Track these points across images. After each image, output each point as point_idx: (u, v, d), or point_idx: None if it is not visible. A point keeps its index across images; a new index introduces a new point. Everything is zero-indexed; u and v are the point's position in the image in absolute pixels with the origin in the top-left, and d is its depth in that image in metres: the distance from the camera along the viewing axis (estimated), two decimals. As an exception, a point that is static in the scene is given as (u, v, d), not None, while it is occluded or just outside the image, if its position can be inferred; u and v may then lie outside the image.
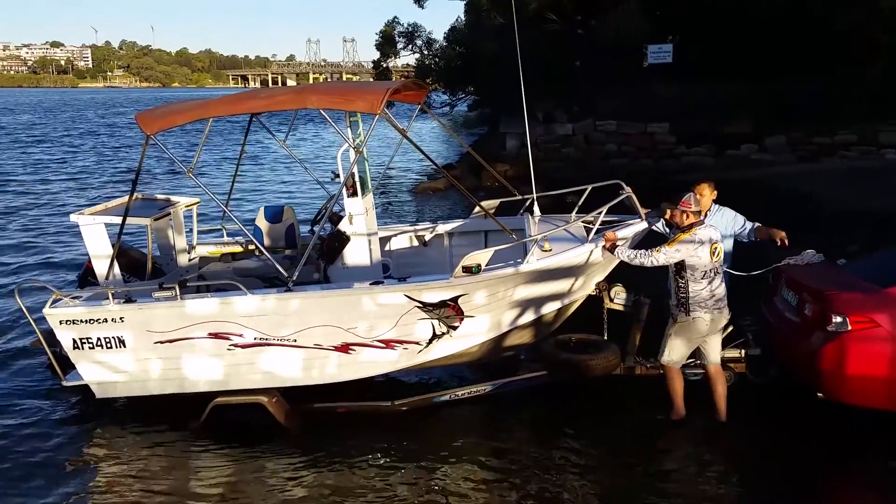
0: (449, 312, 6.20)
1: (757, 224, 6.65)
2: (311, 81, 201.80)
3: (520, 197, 7.76)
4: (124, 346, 6.32)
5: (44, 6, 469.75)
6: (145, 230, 6.94)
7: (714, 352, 6.10)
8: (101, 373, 6.44)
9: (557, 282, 6.39)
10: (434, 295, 6.14)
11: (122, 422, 6.64)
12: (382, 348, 6.32)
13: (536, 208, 7.11)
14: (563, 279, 6.39)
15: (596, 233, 6.34)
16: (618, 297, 6.74)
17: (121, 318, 6.23)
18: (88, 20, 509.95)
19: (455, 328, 6.30)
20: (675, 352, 6.09)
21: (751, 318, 6.91)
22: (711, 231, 5.88)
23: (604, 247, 6.19)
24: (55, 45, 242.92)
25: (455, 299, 6.15)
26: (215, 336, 6.26)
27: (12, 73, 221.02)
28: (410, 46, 37.04)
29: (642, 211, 6.71)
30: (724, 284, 5.98)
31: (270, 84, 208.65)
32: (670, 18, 22.96)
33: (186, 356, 6.34)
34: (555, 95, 22.68)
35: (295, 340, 6.26)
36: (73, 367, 6.48)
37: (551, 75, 22.12)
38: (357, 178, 6.71)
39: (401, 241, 8.16)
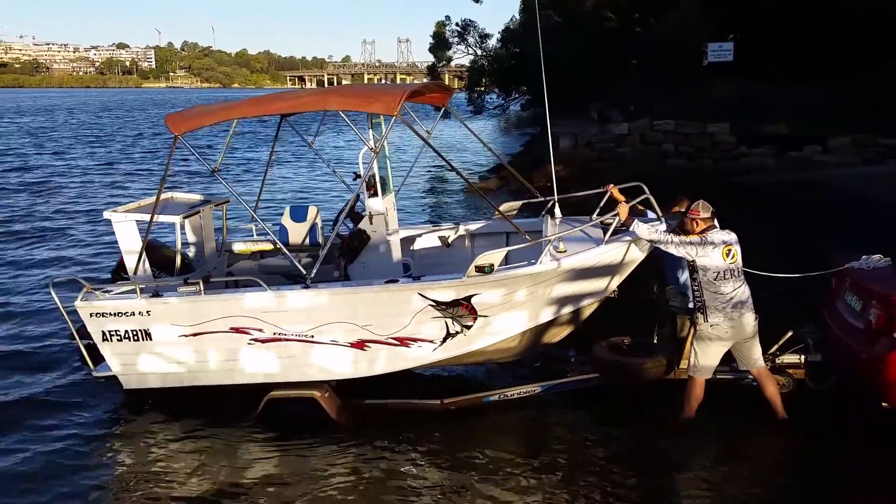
0: (462, 312, 6.21)
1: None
2: (365, 82, 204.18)
3: (541, 199, 7.66)
4: (150, 339, 6.54)
5: (111, 8, 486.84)
6: (178, 227, 7.10)
7: (751, 357, 5.97)
8: (128, 364, 6.68)
9: (572, 283, 6.30)
10: (447, 294, 6.17)
11: (175, 413, 6.79)
12: (397, 346, 6.38)
13: (557, 210, 7.05)
14: (578, 280, 6.30)
15: (612, 235, 6.24)
16: (673, 300, 6.62)
17: (147, 312, 6.46)
18: (152, 22, 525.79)
19: (469, 327, 6.30)
20: (700, 361, 5.95)
21: (811, 324, 6.70)
22: (725, 234, 5.82)
23: (620, 222, 6.11)
24: (121, 46, 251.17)
25: (468, 298, 6.16)
26: (236, 330, 6.43)
27: (81, 73, 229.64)
28: (463, 44, 37.09)
29: (660, 212, 6.54)
30: (745, 287, 5.84)
31: (326, 84, 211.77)
32: (731, 16, 22.44)
33: (209, 350, 6.53)
34: (610, 94, 22.42)
35: (312, 336, 6.39)
36: (103, 358, 6.72)
37: (607, 74, 21.89)
38: (378, 179, 6.79)
39: (424, 242, 8.18)
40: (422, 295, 6.16)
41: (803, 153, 18.82)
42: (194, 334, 6.48)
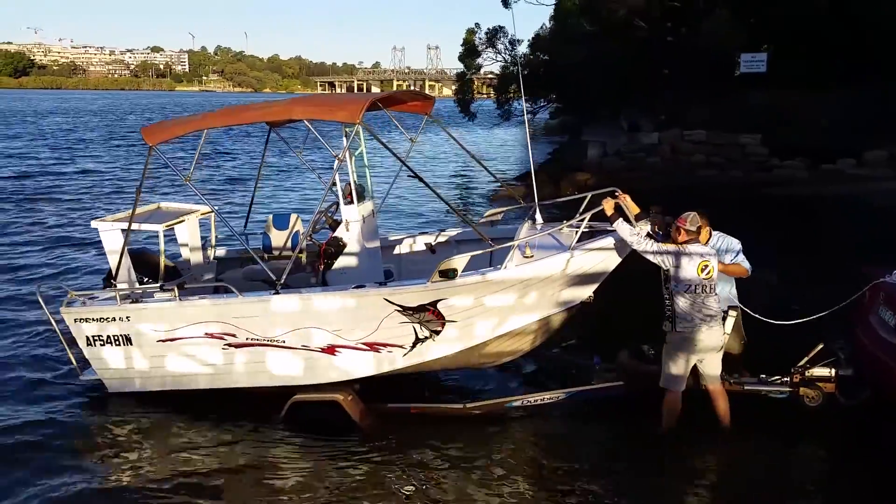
0: (429, 317, 6.21)
1: (740, 259, 6.35)
2: (394, 88, 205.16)
3: (524, 205, 7.60)
4: (131, 344, 6.78)
5: (147, 12, 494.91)
6: (161, 236, 7.27)
7: (711, 370, 5.92)
8: (111, 369, 6.93)
9: (542, 288, 6.23)
10: (413, 299, 6.18)
11: (197, 415, 6.83)
12: (367, 350, 6.42)
13: (539, 216, 6.98)
14: (547, 285, 6.23)
15: (579, 241, 6.17)
16: None
17: (127, 318, 6.70)
18: (187, 26, 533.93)
19: (438, 332, 6.29)
20: (670, 371, 5.89)
21: (842, 338, 6.58)
22: (704, 249, 5.79)
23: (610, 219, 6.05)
24: (155, 49, 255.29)
25: (434, 304, 6.16)
26: (211, 336, 6.58)
27: (116, 76, 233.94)
28: (492, 50, 37.13)
29: (633, 217, 6.30)
30: (716, 302, 5.80)
31: (356, 90, 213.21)
32: (765, 26, 22.19)
33: (186, 354, 6.70)
34: (641, 104, 22.28)
35: (284, 341, 6.49)
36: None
37: (638, 83, 21.77)
38: (353, 186, 6.87)
39: (409, 248, 8.18)
40: (388, 300, 6.20)
41: (837, 166, 18.54)
42: (171, 339, 6.67)
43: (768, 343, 6.49)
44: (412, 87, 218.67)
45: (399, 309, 6.21)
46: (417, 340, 6.35)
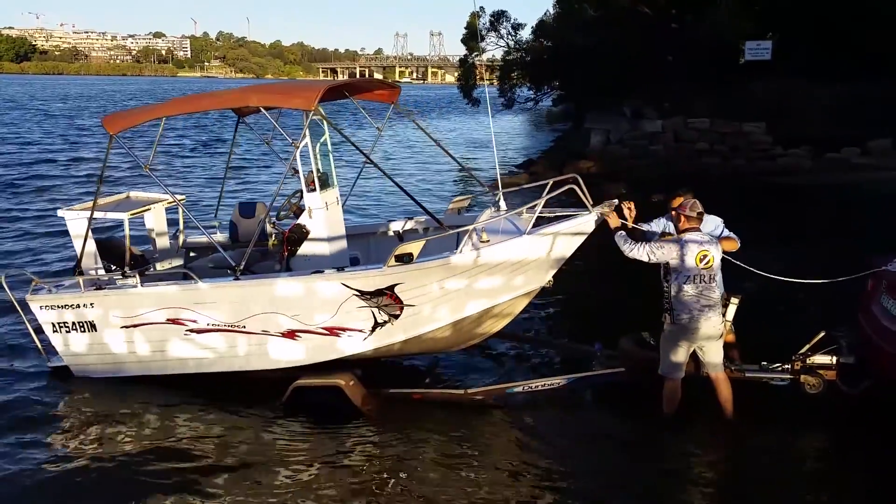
0: (387, 301, 6.24)
1: (726, 233, 6.33)
2: (397, 75, 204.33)
3: (490, 192, 7.54)
4: (95, 330, 6.91)
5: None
6: (126, 224, 7.32)
7: (711, 358, 5.92)
8: (76, 355, 7.08)
9: (498, 273, 6.23)
10: (369, 283, 6.22)
11: (198, 400, 6.85)
12: (327, 335, 6.46)
13: (503, 203, 6.97)
14: (504, 270, 6.23)
15: (533, 226, 6.15)
16: None
17: (91, 304, 6.82)
18: (189, 11, 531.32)
19: (397, 317, 6.32)
20: (668, 359, 5.91)
21: (845, 327, 6.57)
22: (703, 238, 5.77)
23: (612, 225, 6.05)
24: (157, 35, 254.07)
25: (391, 288, 6.18)
26: (173, 321, 6.68)
27: (118, 61, 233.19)
28: (495, 34, 36.89)
29: (590, 205, 6.27)
30: (715, 291, 5.78)
31: (358, 76, 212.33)
32: (770, 14, 22.05)
33: (149, 340, 6.80)
34: (645, 91, 22.17)
35: (244, 327, 6.55)
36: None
37: (642, 70, 21.64)
38: (316, 174, 6.92)
39: (379, 236, 8.20)
40: (345, 285, 6.24)
41: (841, 154, 18.49)
42: (134, 325, 6.78)
43: (770, 330, 6.49)
44: (415, 74, 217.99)
45: (357, 293, 6.25)
46: (377, 325, 6.39)
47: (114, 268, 7.26)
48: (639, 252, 5.85)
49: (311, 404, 6.46)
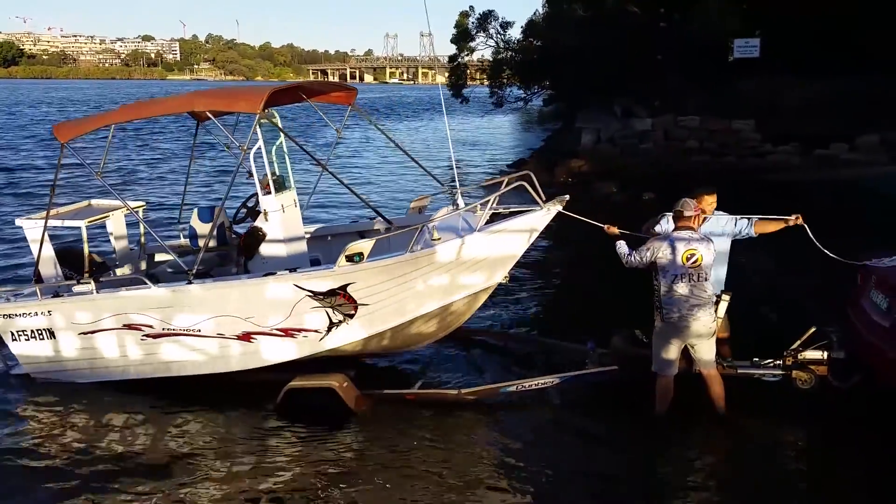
0: (341, 301, 6.26)
1: (755, 218, 6.35)
2: (387, 76, 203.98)
3: (447, 190, 7.62)
4: (54, 338, 6.95)
5: (138, 1, 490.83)
6: (83, 231, 7.39)
7: (703, 355, 5.93)
8: (36, 363, 7.12)
9: (451, 270, 6.24)
10: (321, 284, 6.23)
11: (191, 403, 6.82)
12: (282, 336, 6.49)
13: (461, 200, 6.99)
14: (457, 267, 6.24)
15: (487, 223, 6.21)
16: None
17: (48, 312, 6.86)
18: (178, 14, 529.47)
19: (352, 316, 6.34)
20: (660, 356, 5.94)
21: (835, 322, 6.62)
22: (693, 236, 5.79)
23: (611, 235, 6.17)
24: (146, 38, 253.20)
25: (343, 288, 6.20)
26: (129, 327, 6.72)
27: (107, 65, 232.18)
28: (483, 34, 36.93)
29: (542, 201, 6.25)
30: (704, 290, 5.78)
31: (349, 78, 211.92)
32: (757, 12, 22.15)
33: (107, 346, 6.84)
34: (635, 90, 22.22)
35: (199, 330, 6.58)
36: None
37: (631, 69, 21.70)
38: (270, 177, 6.96)
39: (340, 238, 8.17)
40: (298, 286, 6.26)
41: (830, 151, 18.58)
42: (92, 332, 6.80)
43: (761, 326, 6.52)
44: (405, 74, 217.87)
45: (310, 294, 6.26)
46: (332, 325, 6.41)
47: (74, 275, 7.29)
48: (634, 259, 5.93)
49: (304, 406, 6.44)
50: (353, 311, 6.33)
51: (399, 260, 6.13)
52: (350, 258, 6.11)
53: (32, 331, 6.96)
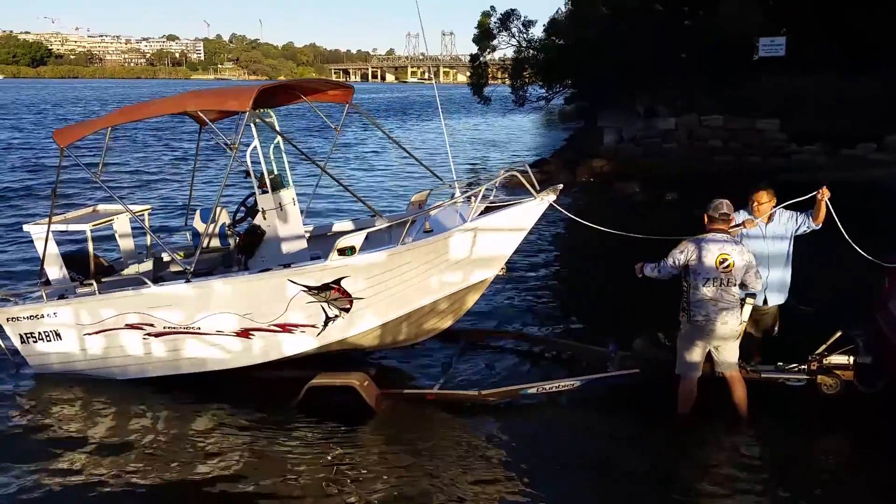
0: (336, 295, 6.30)
1: (809, 210, 6.23)
2: (409, 75, 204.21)
3: (449, 186, 7.56)
4: (60, 339, 7.11)
5: (163, 1, 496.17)
6: (88, 235, 7.54)
7: (727, 358, 5.87)
8: (46, 364, 7.30)
9: (445, 263, 6.22)
10: (315, 278, 6.28)
11: (213, 401, 6.86)
12: (280, 332, 6.55)
13: (458, 193, 6.95)
14: (449, 260, 6.22)
15: (482, 214, 6.18)
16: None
17: (54, 314, 7.03)
18: (202, 14, 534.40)
19: (347, 310, 6.37)
20: (684, 359, 5.88)
21: (861, 326, 6.51)
22: (725, 239, 5.71)
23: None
24: (171, 38, 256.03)
25: (338, 282, 6.24)
26: (132, 327, 6.85)
27: (132, 65, 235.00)
28: (506, 33, 36.91)
29: (536, 192, 6.26)
30: (733, 295, 5.71)
31: (370, 77, 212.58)
32: (784, 9, 21.86)
33: (112, 345, 6.98)
34: (658, 89, 22.05)
35: (199, 328, 6.67)
36: None
37: (655, 68, 21.53)
38: (266, 175, 7.03)
39: (344, 235, 8.24)
40: (292, 281, 6.31)
41: (857, 151, 18.27)
42: (97, 332, 6.94)
43: (786, 330, 6.44)
44: (426, 74, 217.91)
45: (304, 289, 6.32)
46: (328, 319, 6.45)
47: (80, 278, 7.43)
48: (668, 265, 5.83)
49: (325, 404, 6.47)
50: (348, 305, 6.37)
51: (391, 252, 6.16)
52: (342, 252, 6.15)
53: (40, 332, 7.13)
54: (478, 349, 7.87)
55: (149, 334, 6.84)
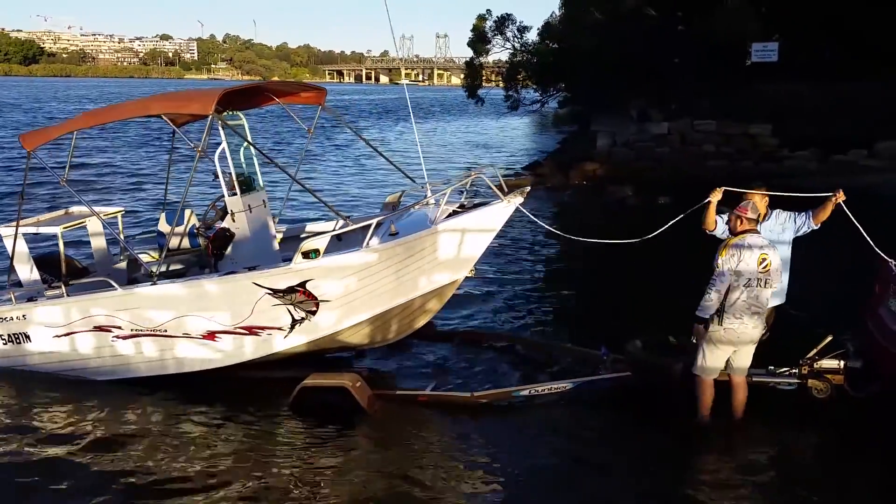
0: (301, 298, 6.32)
1: (811, 211, 6.23)
2: (402, 76, 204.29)
3: (419, 187, 7.69)
4: (30, 341, 7.14)
5: (156, 0, 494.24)
6: (59, 237, 7.57)
7: (742, 362, 5.88)
8: (16, 367, 7.29)
9: (411, 264, 6.24)
10: (280, 281, 6.30)
11: (206, 401, 6.85)
12: (246, 334, 6.57)
13: (430, 194, 7.01)
14: (416, 262, 6.24)
15: (449, 216, 6.22)
16: None
17: (23, 316, 7.05)
18: (196, 14, 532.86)
19: (314, 313, 6.38)
20: (707, 362, 5.86)
21: (852, 330, 6.54)
22: (762, 241, 5.69)
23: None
24: (164, 37, 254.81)
25: (303, 284, 6.25)
26: (100, 329, 6.87)
27: (125, 64, 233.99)
28: (501, 37, 37.01)
29: (502, 193, 6.28)
30: (767, 297, 5.69)
31: (364, 78, 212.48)
32: (776, 15, 21.99)
33: (81, 348, 6.99)
34: (651, 93, 22.14)
35: (166, 331, 6.67)
36: None
37: (648, 72, 21.62)
38: (235, 177, 7.08)
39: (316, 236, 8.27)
40: (257, 284, 6.32)
41: (849, 157, 18.39)
42: (66, 334, 6.94)
43: (777, 334, 6.46)
44: (420, 76, 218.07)
45: (269, 292, 6.33)
46: (295, 322, 6.48)
47: (52, 279, 7.45)
48: (724, 280, 5.59)
49: (317, 405, 6.45)
50: (314, 308, 6.38)
51: (355, 255, 6.17)
52: (306, 255, 6.16)
53: (10, 334, 7.15)
54: (471, 351, 7.86)
55: (117, 336, 6.85)
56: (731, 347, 5.81)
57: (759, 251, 5.62)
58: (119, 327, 6.79)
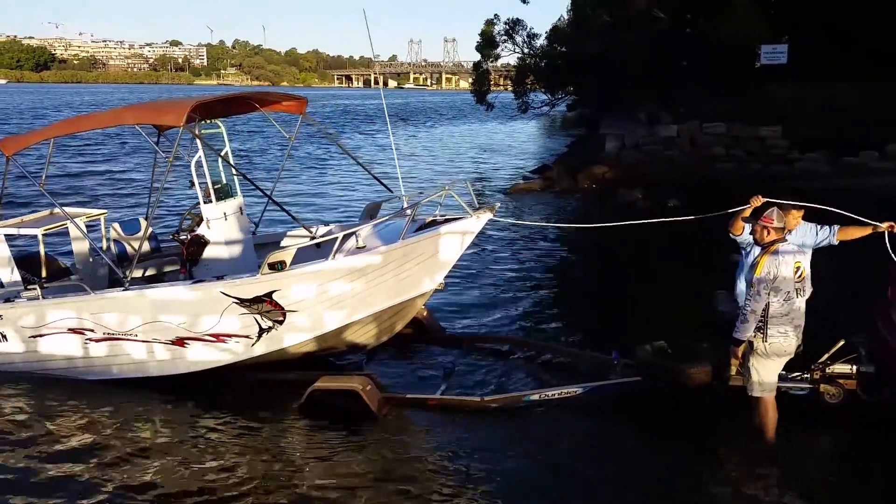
0: (268, 307, 6.40)
1: (837, 226, 6.17)
2: (411, 81, 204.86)
3: (395, 196, 7.75)
4: (6, 340, 7.26)
5: (166, 6, 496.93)
6: (40, 239, 7.66)
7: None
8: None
9: (379, 276, 6.29)
10: (247, 291, 6.38)
11: (216, 403, 6.88)
12: (214, 342, 6.67)
13: (406, 205, 7.03)
14: (383, 274, 6.29)
15: (419, 229, 6.25)
16: (723, 306, 6.50)
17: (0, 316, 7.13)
18: (205, 20, 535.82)
19: (281, 322, 6.47)
20: (763, 377, 5.64)
21: (865, 334, 6.49)
22: (792, 247, 5.58)
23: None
24: (174, 43, 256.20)
25: (269, 294, 6.33)
26: (73, 331, 6.97)
27: (135, 70, 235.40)
28: (511, 42, 36.99)
29: (471, 208, 6.30)
30: (803, 304, 5.57)
31: (373, 84, 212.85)
32: (785, 17, 21.91)
33: (55, 349, 7.11)
34: (660, 96, 22.09)
35: (137, 335, 6.77)
36: None
37: (657, 75, 21.57)
38: (211, 185, 7.18)
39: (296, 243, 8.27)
40: (224, 293, 6.40)
41: (859, 159, 18.27)
42: (40, 335, 7.05)
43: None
44: (429, 80, 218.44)
45: (237, 301, 6.42)
46: (262, 330, 6.57)
47: (34, 279, 7.52)
48: (760, 297, 5.40)
49: (327, 408, 6.46)
50: (281, 318, 6.48)
51: (320, 268, 6.25)
52: (273, 266, 6.22)
53: None
54: (480, 355, 7.86)
55: (90, 339, 6.95)
56: (781, 360, 5.62)
57: (793, 258, 5.46)
58: (91, 330, 6.90)
